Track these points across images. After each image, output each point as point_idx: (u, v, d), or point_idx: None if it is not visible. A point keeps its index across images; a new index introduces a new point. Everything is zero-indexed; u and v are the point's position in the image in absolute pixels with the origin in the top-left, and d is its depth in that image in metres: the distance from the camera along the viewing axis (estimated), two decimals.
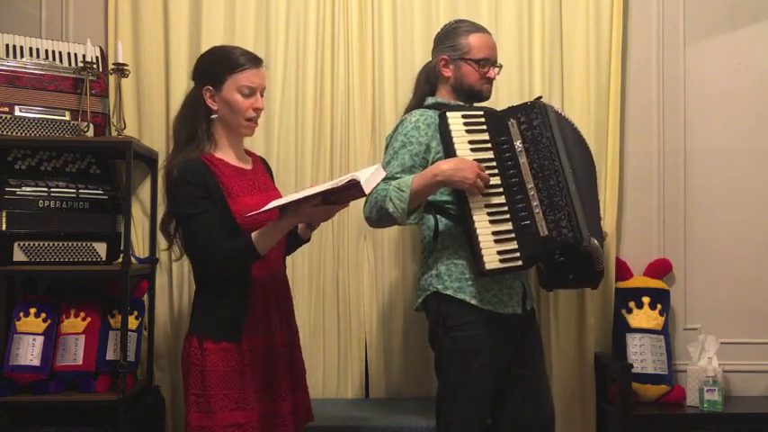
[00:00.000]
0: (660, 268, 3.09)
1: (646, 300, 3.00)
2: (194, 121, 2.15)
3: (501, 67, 2.53)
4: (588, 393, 3.02)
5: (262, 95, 2.19)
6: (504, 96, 2.98)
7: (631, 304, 3.00)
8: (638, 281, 3.06)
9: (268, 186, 2.26)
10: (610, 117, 3.06)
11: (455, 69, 2.45)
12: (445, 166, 2.25)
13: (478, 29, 2.50)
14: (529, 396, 2.41)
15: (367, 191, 1.93)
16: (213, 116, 2.15)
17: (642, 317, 2.97)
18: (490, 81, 2.48)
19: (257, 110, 2.17)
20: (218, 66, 2.15)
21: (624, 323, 2.99)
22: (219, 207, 2.07)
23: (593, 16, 3.05)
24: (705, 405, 2.87)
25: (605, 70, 3.05)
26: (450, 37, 2.48)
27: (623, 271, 3.06)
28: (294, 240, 2.30)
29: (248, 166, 2.24)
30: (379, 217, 2.29)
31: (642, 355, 2.93)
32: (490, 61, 2.46)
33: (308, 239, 2.34)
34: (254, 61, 2.17)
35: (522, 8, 3.06)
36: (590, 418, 3.02)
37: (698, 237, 3.15)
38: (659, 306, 3.00)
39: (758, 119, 3.16)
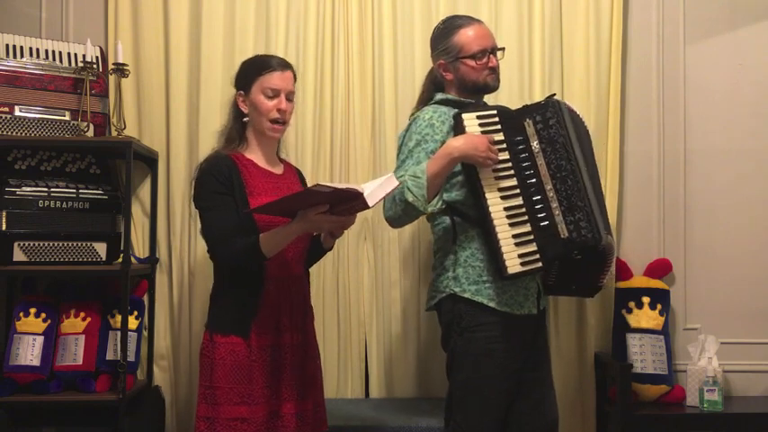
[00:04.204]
0: (660, 268, 3.09)
1: (646, 300, 3.00)
2: (231, 124, 2.27)
3: (503, 49, 2.46)
4: (588, 393, 3.03)
5: (290, 100, 2.24)
6: (504, 96, 2.97)
7: (631, 304, 3.00)
8: (638, 281, 3.05)
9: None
10: (610, 117, 3.06)
11: (455, 71, 2.42)
12: (457, 142, 2.24)
13: (466, 22, 2.43)
14: (535, 398, 2.39)
15: (371, 203, 1.93)
16: (245, 119, 2.24)
17: (642, 317, 2.97)
18: (494, 70, 2.42)
19: (281, 111, 2.21)
20: (249, 70, 2.26)
21: (624, 323, 2.99)
22: (239, 204, 2.12)
23: (593, 16, 3.05)
24: (705, 405, 2.87)
25: (605, 70, 3.05)
26: (441, 40, 2.44)
27: (623, 271, 3.06)
28: (317, 249, 2.34)
29: (278, 171, 2.29)
30: (401, 211, 2.24)
31: (642, 355, 2.93)
32: (487, 51, 2.39)
33: (331, 248, 2.38)
34: (281, 65, 2.25)
35: (522, 8, 3.06)
36: (590, 418, 3.02)
37: (698, 237, 3.15)
38: (659, 306, 3.00)
39: (758, 119, 3.16)
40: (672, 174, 3.15)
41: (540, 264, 2.24)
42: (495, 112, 2.34)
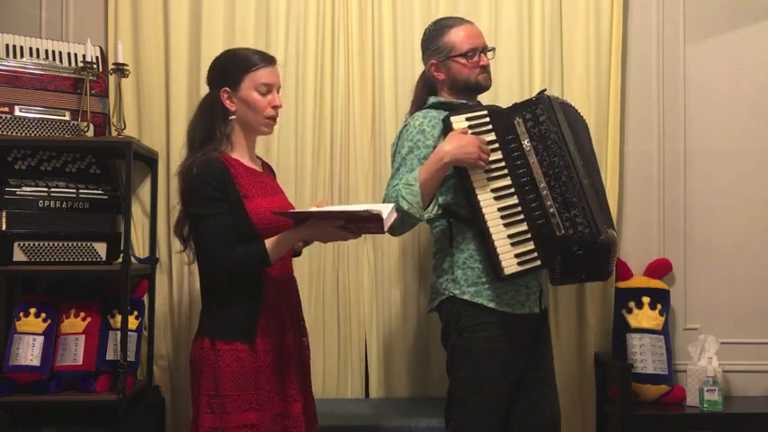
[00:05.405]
0: (660, 268, 3.09)
1: (646, 300, 3.00)
2: (212, 123, 2.16)
3: (494, 49, 2.48)
4: (588, 393, 3.03)
5: (278, 93, 2.21)
6: (504, 96, 2.98)
7: (631, 304, 3.00)
8: (638, 281, 3.05)
9: (277, 190, 2.28)
10: (610, 117, 3.06)
11: (446, 70, 2.42)
12: (447, 147, 2.23)
13: (456, 23, 2.45)
14: (535, 398, 2.39)
15: (386, 228, 1.96)
16: (231, 117, 2.17)
17: (642, 317, 2.97)
18: (485, 69, 2.43)
19: (276, 107, 2.19)
20: (233, 66, 2.17)
21: (624, 323, 2.99)
22: (236, 208, 2.07)
23: (593, 16, 3.05)
24: (705, 405, 2.87)
25: (605, 70, 3.05)
26: (431, 41, 2.45)
27: (623, 271, 3.06)
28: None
29: (259, 168, 2.26)
30: (399, 220, 2.20)
31: (642, 355, 2.93)
32: (477, 50, 2.40)
33: (299, 254, 2.40)
34: (269, 60, 2.20)
35: (522, 8, 3.06)
36: (590, 418, 3.02)
37: (698, 237, 3.15)
38: (659, 306, 3.00)
39: (758, 119, 3.16)
40: (672, 174, 3.15)
41: (538, 262, 2.24)
42: (485, 112, 2.33)
